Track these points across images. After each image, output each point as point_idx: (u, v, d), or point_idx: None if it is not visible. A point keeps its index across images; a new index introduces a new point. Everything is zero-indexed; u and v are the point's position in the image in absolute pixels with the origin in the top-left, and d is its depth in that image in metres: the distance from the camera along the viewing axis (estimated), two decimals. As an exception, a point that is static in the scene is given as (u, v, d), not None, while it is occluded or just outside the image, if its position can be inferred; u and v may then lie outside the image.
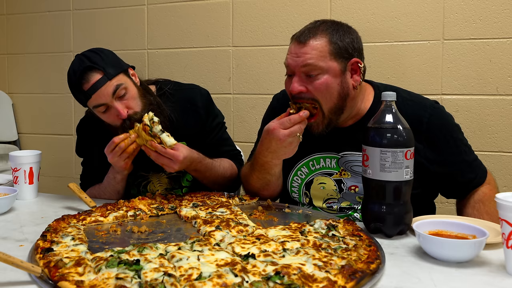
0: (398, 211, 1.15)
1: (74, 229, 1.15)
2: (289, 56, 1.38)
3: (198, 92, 1.75)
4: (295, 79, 1.36)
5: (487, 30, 2.08)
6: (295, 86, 1.35)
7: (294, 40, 1.38)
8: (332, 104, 1.36)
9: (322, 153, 1.48)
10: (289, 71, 1.40)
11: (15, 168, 1.58)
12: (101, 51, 1.55)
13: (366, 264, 0.92)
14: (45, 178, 2.48)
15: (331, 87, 1.34)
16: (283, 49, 2.37)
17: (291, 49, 1.38)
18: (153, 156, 1.46)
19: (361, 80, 1.39)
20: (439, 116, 1.43)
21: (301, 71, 1.34)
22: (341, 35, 1.36)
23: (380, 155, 1.14)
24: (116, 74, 1.50)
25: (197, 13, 2.51)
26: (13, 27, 2.93)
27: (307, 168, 1.50)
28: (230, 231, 1.13)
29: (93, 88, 1.47)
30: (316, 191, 1.49)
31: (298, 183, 1.52)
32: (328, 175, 1.48)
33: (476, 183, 1.44)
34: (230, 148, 1.79)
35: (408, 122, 1.21)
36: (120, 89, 1.50)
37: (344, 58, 1.35)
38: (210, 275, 0.84)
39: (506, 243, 0.94)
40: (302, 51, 1.34)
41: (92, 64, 1.48)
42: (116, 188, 1.61)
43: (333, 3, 2.28)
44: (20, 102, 2.95)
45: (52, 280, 0.88)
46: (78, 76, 1.49)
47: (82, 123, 1.80)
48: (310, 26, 1.39)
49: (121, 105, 1.51)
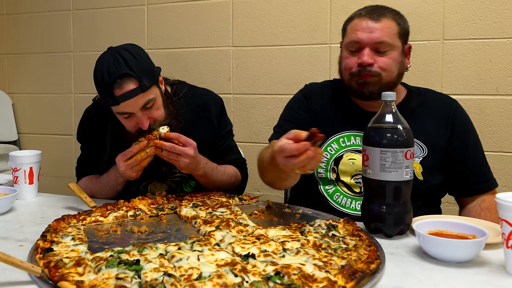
0: (398, 211, 1.15)
1: (74, 229, 1.15)
2: (359, 32, 1.44)
3: (213, 100, 1.73)
4: (366, 52, 1.42)
5: (487, 30, 2.08)
6: (367, 58, 1.42)
7: (364, 16, 1.46)
8: (390, 79, 1.46)
9: (354, 131, 1.53)
10: (356, 46, 1.45)
11: (15, 168, 1.58)
12: (138, 54, 1.46)
13: (366, 264, 0.92)
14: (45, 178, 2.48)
15: (395, 64, 1.45)
16: (283, 49, 2.37)
17: (362, 25, 1.44)
18: (164, 154, 1.45)
19: (410, 64, 1.52)
20: (463, 110, 1.56)
21: (373, 46, 1.43)
22: (403, 19, 1.49)
23: (380, 155, 1.13)
24: (150, 87, 1.44)
25: (197, 13, 2.51)
26: (13, 27, 2.93)
27: (337, 145, 1.53)
28: (230, 231, 1.13)
29: (124, 97, 1.40)
30: (345, 166, 1.51)
31: (327, 158, 1.54)
32: (358, 152, 1.50)
33: (488, 186, 1.50)
34: (236, 157, 1.78)
35: (440, 107, 1.50)
36: (150, 103, 1.46)
37: (404, 41, 1.48)
38: (210, 275, 0.84)
39: (506, 243, 0.94)
40: (376, 27, 1.42)
41: (129, 72, 1.40)
42: (116, 188, 1.60)
43: (333, 3, 2.28)
44: (20, 102, 2.96)
45: (52, 280, 0.88)
46: (112, 80, 1.40)
47: (90, 111, 1.74)
48: (374, 7, 1.49)
49: (145, 116, 1.46)
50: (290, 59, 2.36)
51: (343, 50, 1.52)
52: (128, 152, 1.46)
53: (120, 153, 1.47)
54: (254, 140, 2.45)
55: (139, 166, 1.46)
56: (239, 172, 1.73)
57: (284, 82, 2.38)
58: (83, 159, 1.75)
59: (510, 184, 2.08)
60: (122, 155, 1.46)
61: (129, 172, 1.47)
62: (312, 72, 2.32)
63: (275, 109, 2.37)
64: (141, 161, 1.45)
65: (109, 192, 1.61)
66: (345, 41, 1.50)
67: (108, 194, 1.61)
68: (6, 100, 2.91)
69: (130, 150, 1.46)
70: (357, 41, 1.44)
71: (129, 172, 1.46)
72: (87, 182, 1.66)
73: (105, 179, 1.60)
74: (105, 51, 1.48)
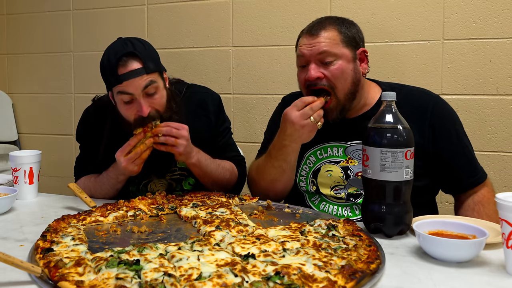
0: (398, 211, 1.15)
1: (74, 229, 1.15)
2: (302, 48, 1.46)
3: (210, 97, 1.74)
4: (311, 67, 1.43)
5: (487, 30, 2.08)
6: (312, 73, 1.42)
7: (305, 34, 1.48)
8: (346, 90, 1.44)
9: (330, 142, 1.53)
10: (303, 61, 1.47)
11: (15, 168, 1.58)
12: (146, 43, 1.53)
13: (366, 264, 0.92)
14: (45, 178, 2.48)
15: (346, 72, 1.43)
16: (283, 49, 2.37)
17: (304, 42, 1.46)
18: (162, 139, 1.46)
19: (368, 68, 1.50)
20: (443, 106, 1.51)
21: (316, 58, 1.43)
22: (347, 26, 1.47)
23: (380, 155, 1.14)
24: (153, 71, 1.47)
25: (197, 13, 2.51)
26: (13, 27, 2.93)
27: (315, 157, 1.55)
28: (230, 231, 1.13)
29: (127, 75, 1.43)
30: (323, 179, 1.52)
31: (306, 171, 1.56)
32: (335, 163, 1.52)
33: (477, 180, 1.47)
34: (235, 154, 1.78)
35: (414, 109, 1.38)
36: (152, 86, 1.47)
37: (353, 47, 1.45)
38: (210, 275, 0.84)
39: (506, 243, 0.94)
40: (315, 41, 1.43)
41: (135, 51, 1.45)
42: (116, 187, 1.60)
43: (333, 3, 2.28)
44: (20, 102, 2.96)
45: (52, 280, 0.88)
46: (117, 58, 1.44)
47: (90, 111, 1.74)
48: (316, 22, 1.49)
49: (147, 102, 1.48)
50: (290, 59, 2.36)
51: (297, 67, 1.52)
52: (127, 146, 1.47)
53: (119, 149, 1.48)
54: (253, 140, 2.45)
55: (140, 159, 1.47)
56: (237, 168, 1.72)
57: (284, 82, 2.37)
58: (82, 159, 1.75)
59: (510, 184, 2.07)
60: (121, 150, 1.47)
61: (131, 166, 1.47)
62: (312, 72, 2.32)
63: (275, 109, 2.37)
64: (141, 153, 1.46)
65: (109, 191, 1.61)
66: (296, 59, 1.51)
67: (108, 193, 1.61)
68: (6, 100, 2.91)
69: (128, 144, 1.47)
70: (301, 55, 1.46)
71: (131, 166, 1.47)
72: (86, 181, 1.66)
73: (105, 178, 1.60)
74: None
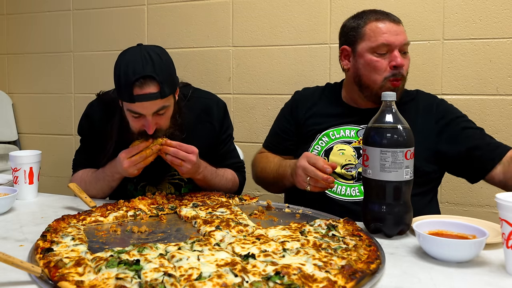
0: (398, 211, 1.15)
1: (74, 229, 1.15)
2: (388, 35, 1.48)
3: (215, 104, 1.72)
4: (398, 54, 1.48)
5: (487, 30, 2.08)
6: (401, 60, 1.48)
7: (387, 19, 1.51)
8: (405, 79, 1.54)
9: (344, 125, 1.59)
10: (385, 49, 1.49)
11: (15, 168, 1.58)
12: (165, 56, 1.47)
13: (366, 264, 0.92)
14: (45, 178, 2.48)
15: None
16: (283, 49, 2.37)
17: (389, 28, 1.49)
18: (168, 159, 1.46)
19: None
20: (446, 103, 1.62)
21: (402, 48, 1.50)
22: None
23: (380, 155, 1.14)
24: (168, 95, 1.43)
25: (197, 13, 2.51)
26: (13, 27, 2.93)
27: (328, 137, 1.59)
28: (230, 231, 1.13)
29: (142, 97, 1.39)
30: (335, 157, 1.55)
31: (318, 150, 1.59)
32: (347, 143, 1.55)
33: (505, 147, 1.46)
34: (235, 160, 1.78)
35: (423, 107, 1.55)
36: (163, 110, 1.46)
37: None
38: (210, 275, 0.84)
39: (506, 243, 0.94)
40: (400, 30, 1.50)
41: (154, 75, 1.39)
42: (111, 184, 1.58)
43: (333, 3, 2.28)
44: (20, 102, 2.96)
45: (52, 280, 0.88)
46: (135, 78, 1.38)
47: (94, 106, 1.72)
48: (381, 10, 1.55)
49: (154, 120, 1.46)
50: (290, 59, 2.36)
51: (364, 54, 1.51)
52: (134, 150, 1.46)
53: (124, 150, 1.47)
54: (254, 140, 2.45)
55: (143, 163, 1.47)
56: (237, 176, 1.74)
57: (284, 82, 2.38)
58: (82, 152, 1.73)
59: (510, 184, 2.08)
60: (127, 152, 1.47)
61: (132, 169, 1.47)
62: (312, 72, 2.32)
63: (275, 109, 2.37)
64: (145, 158, 1.46)
65: (103, 187, 1.59)
66: (369, 45, 1.50)
67: (102, 189, 1.59)
68: (6, 100, 2.91)
69: (137, 147, 1.46)
70: (386, 44, 1.48)
71: (132, 169, 1.47)
72: (83, 174, 1.65)
73: (100, 174, 1.58)
74: (133, 46, 1.47)
